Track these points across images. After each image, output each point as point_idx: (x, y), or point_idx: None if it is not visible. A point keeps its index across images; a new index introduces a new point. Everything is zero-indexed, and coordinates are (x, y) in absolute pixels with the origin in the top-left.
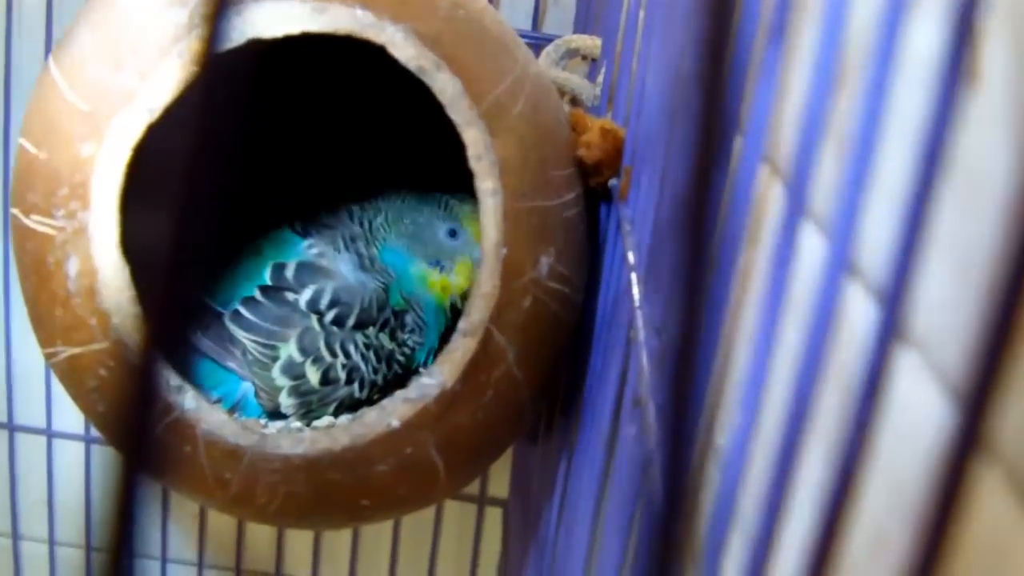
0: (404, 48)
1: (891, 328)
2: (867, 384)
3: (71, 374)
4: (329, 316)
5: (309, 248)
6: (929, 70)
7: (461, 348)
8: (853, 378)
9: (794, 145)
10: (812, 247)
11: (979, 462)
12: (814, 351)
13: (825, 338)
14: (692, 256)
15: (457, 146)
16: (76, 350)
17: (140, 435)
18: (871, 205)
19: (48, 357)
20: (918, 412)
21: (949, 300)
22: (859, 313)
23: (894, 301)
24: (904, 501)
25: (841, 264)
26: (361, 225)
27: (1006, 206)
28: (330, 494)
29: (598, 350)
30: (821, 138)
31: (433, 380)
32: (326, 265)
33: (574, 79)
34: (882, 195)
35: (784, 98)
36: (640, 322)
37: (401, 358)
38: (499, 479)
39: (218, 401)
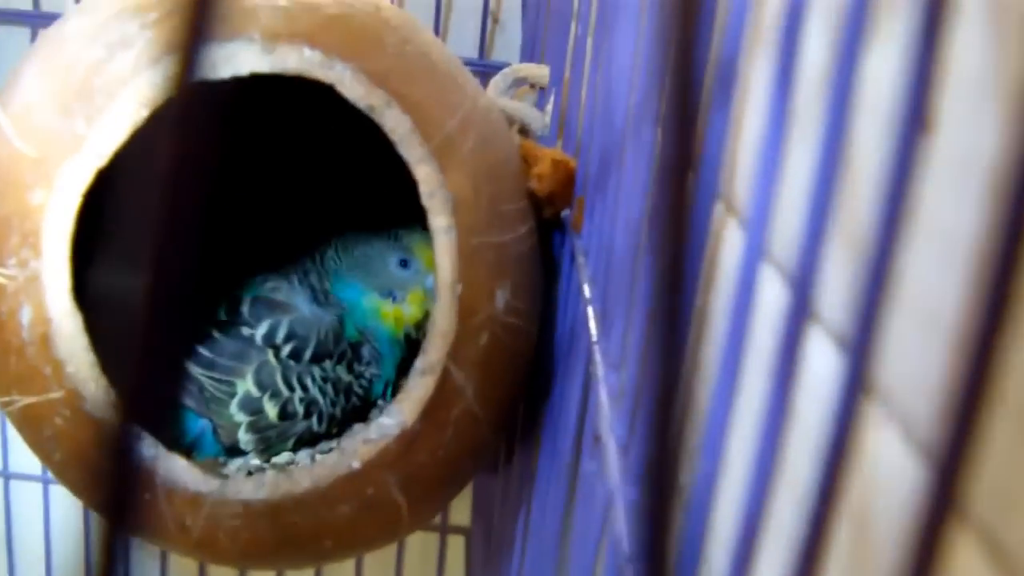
0: (353, 87)
1: (857, 378)
2: (834, 434)
3: (27, 423)
4: (286, 350)
5: (264, 282)
6: (887, 109)
7: (420, 387)
8: (819, 427)
9: (750, 183)
10: (773, 290)
11: (952, 524)
12: (778, 398)
13: (789, 386)
14: (669, 304)
15: (409, 182)
16: (31, 399)
17: (123, 505)
18: (832, 250)
19: (3, 406)
20: (888, 467)
21: (916, 353)
22: (823, 362)
23: (859, 351)
24: (876, 560)
25: (803, 311)
26: (313, 259)
27: (973, 255)
28: (292, 537)
29: (556, 383)
30: (777, 177)
31: (393, 420)
32: (281, 299)
33: (523, 108)
34: (844, 239)
35: (737, 134)
36: (598, 357)
37: (359, 390)
38: (461, 508)
39: (177, 448)
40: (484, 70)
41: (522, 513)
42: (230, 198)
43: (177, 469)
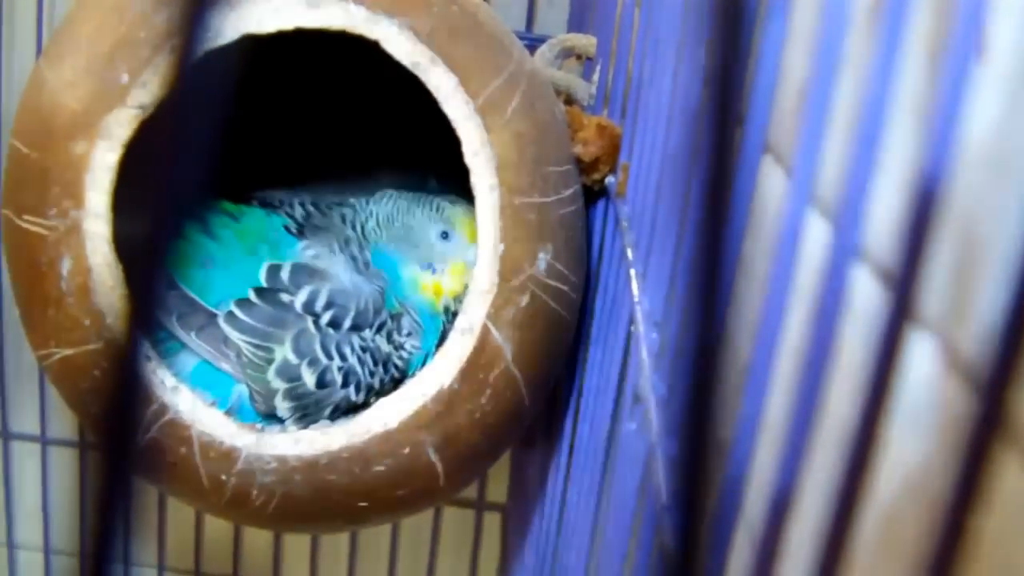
0: (398, 44)
1: (901, 311)
2: (878, 364)
3: (64, 376)
4: (325, 318)
5: (304, 250)
6: (936, 45)
7: (458, 346)
8: (863, 364)
9: (797, 128)
10: (817, 233)
11: (1000, 446)
12: (822, 338)
13: (833, 324)
14: (710, 261)
15: (452, 142)
16: (69, 351)
17: (125, 428)
18: (878, 188)
19: (41, 359)
20: (933, 394)
21: (961, 281)
22: (868, 297)
23: (904, 284)
24: (920, 489)
25: (849, 249)
26: (353, 228)
27: (1022, 182)
28: (327, 495)
29: (597, 347)
30: (825, 124)
31: (430, 379)
32: (322, 267)
33: (570, 78)
34: (890, 177)
35: (785, 85)
36: (640, 317)
37: (399, 362)
38: (497, 484)
39: (213, 403)
40: (531, 43)
41: (560, 483)
42: (271, 154)
43: (213, 423)
